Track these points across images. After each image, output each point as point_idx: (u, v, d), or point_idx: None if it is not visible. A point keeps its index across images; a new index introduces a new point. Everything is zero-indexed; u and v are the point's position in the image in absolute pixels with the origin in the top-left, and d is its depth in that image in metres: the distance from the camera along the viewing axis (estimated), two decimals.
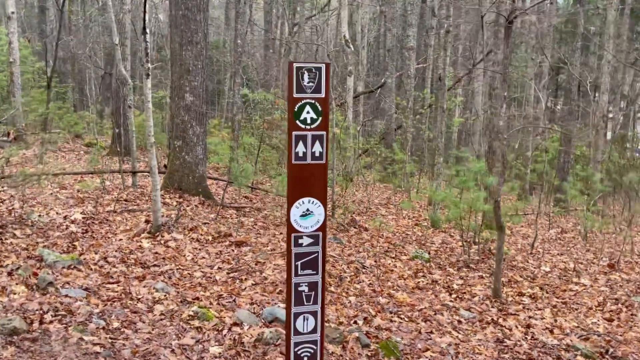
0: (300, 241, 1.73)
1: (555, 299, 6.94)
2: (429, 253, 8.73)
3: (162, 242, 7.09)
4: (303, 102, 2.06)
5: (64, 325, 4.28)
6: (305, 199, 1.75)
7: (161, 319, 4.69)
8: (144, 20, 7.21)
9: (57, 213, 8.02)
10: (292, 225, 1.72)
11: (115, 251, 6.45)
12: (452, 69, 22.37)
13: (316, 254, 1.75)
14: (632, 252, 10.62)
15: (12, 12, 16.14)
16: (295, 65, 2.09)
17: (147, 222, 7.71)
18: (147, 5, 7.26)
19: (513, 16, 6.23)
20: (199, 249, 7.06)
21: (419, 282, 7.11)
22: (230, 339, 4.51)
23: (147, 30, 7.20)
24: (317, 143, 1.96)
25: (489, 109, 15.07)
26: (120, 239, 7.04)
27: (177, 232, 7.50)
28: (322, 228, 1.75)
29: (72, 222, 7.58)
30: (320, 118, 2.03)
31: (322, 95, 2.05)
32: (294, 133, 2.06)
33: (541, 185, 19.34)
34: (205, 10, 10.16)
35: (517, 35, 23.14)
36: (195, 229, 7.73)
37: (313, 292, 1.78)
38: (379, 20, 29.38)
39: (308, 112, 2.02)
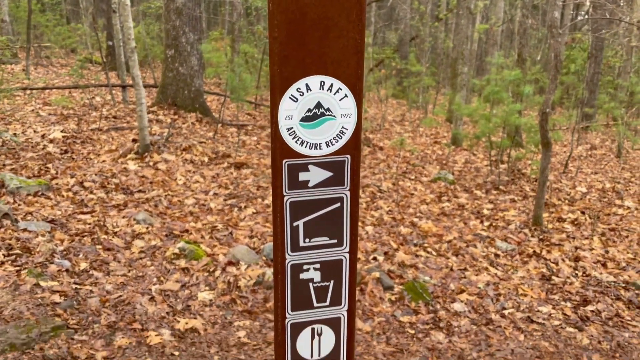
0: (302, 176, 0.78)
1: (600, 225, 6.07)
2: (453, 174, 7.80)
3: (151, 163, 6.20)
4: None
5: (17, 267, 3.47)
6: (313, 80, 0.77)
7: (140, 258, 3.88)
8: None
9: (34, 131, 7.10)
10: (282, 142, 0.76)
11: (95, 174, 5.58)
12: None
13: (339, 204, 0.80)
14: None
15: None
16: None
17: (134, 141, 6.79)
18: None
19: None
20: (193, 172, 6.17)
21: (443, 207, 6.24)
22: (223, 282, 3.71)
23: None
24: None
25: (519, 10, 13.56)
26: (104, 161, 6.16)
27: (169, 152, 6.59)
28: (354, 145, 0.79)
29: (51, 141, 6.68)
30: None
31: None
32: None
33: (567, 99, 18.04)
34: None
35: None
36: (190, 148, 6.80)
37: (332, 282, 0.84)
38: None
39: None
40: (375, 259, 4.38)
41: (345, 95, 0.79)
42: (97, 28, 12.31)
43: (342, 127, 0.80)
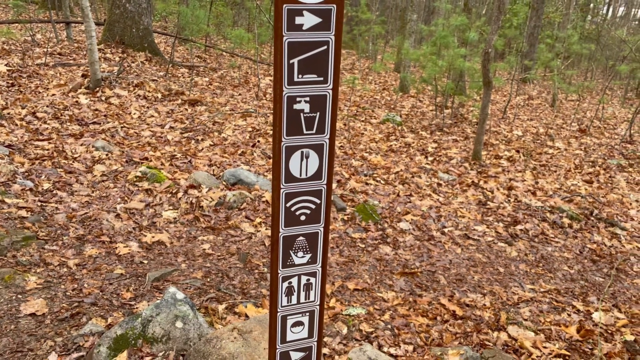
0: (298, 20, 0.99)
1: (533, 161, 6.61)
2: (401, 117, 8.15)
3: (103, 98, 6.16)
4: None
5: None
6: None
7: (103, 181, 3.99)
8: None
9: None
10: None
11: (47, 106, 5.52)
12: None
13: (325, 47, 1.02)
14: (597, 117, 10.40)
15: None
16: None
17: (84, 76, 6.68)
18: None
19: None
20: (147, 107, 6.20)
21: (391, 145, 6.59)
22: (186, 202, 3.90)
23: None
24: None
25: None
26: (53, 94, 6.07)
27: (121, 87, 6.55)
28: None
29: None
30: None
31: None
32: None
33: (509, 52, 18.69)
34: None
35: None
36: (142, 85, 6.77)
37: (318, 114, 1.08)
38: None
39: None
40: None
41: None
42: None
43: None
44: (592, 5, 23.23)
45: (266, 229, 3.82)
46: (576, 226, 4.69)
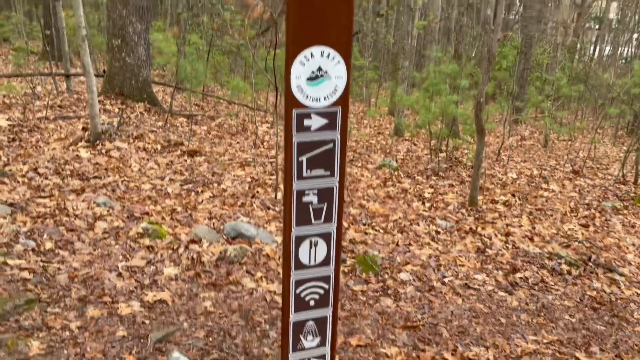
0: (306, 122, 1.06)
1: (529, 205, 6.68)
2: (397, 161, 8.27)
3: (104, 151, 6.25)
4: None
5: None
6: (316, 50, 1.08)
7: (104, 238, 4.02)
8: None
9: None
10: (293, 96, 1.06)
11: (48, 161, 5.60)
12: None
13: (332, 144, 1.09)
14: (590, 158, 10.56)
15: None
16: None
17: (84, 129, 6.79)
18: None
19: None
20: (147, 159, 6.28)
21: (389, 191, 6.66)
22: (187, 258, 3.92)
23: None
24: None
25: (455, 9, 14.23)
26: (54, 148, 6.15)
27: (121, 140, 6.65)
28: (344, 100, 1.10)
29: None
30: None
31: None
32: None
33: (499, 94, 19.07)
34: None
35: None
36: (142, 137, 6.88)
37: (325, 205, 1.14)
38: None
39: None
40: None
41: (339, 62, 1.09)
42: (38, 17, 11.93)
43: (336, 86, 1.09)
44: (578, 46, 23.87)
45: (267, 283, 3.84)
46: (575, 272, 4.71)
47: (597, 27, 29.75)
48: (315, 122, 1.06)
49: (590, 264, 4.87)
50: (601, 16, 28.56)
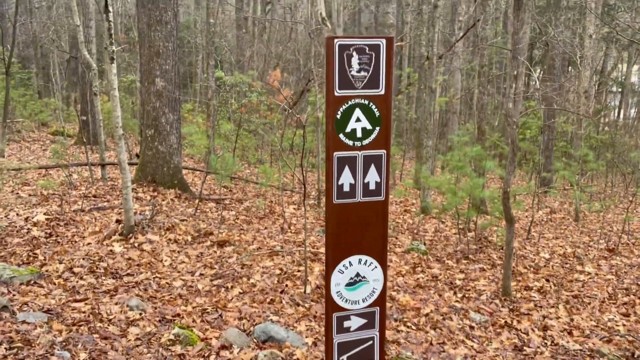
0: (346, 324, 1.10)
1: (564, 292, 6.49)
2: (425, 244, 8.20)
3: (136, 245, 6.38)
4: (350, 103, 1.31)
5: None
6: (354, 258, 1.13)
7: (137, 345, 4.04)
8: None
9: (17, 215, 7.22)
10: (333, 300, 1.10)
11: (83, 259, 5.73)
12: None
13: (371, 342, 1.12)
14: (624, 232, 10.30)
15: None
16: (338, 42, 1.31)
17: (118, 222, 6.98)
18: None
19: None
20: (178, 252, 6.38)
21: (418, 278, 6.58)
22: None
23: (110, 9, 6.38)
24: (373, 169, 1.26)
25: (476, 88, 14.53)
26: (89, 243, 6.32)
27: (153, 232, 6.80)
28: (381, 301, 1.14)
29: (34, 224, 6.80)
30: (378, 129, 1.31)
31: (381, 91, 1.31)
32: (335, 154, 1.29)
33: (525, 163, 19.04)
34: None
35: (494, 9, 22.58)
36: (173, 228, 7.02)
37: None
38: None
39: (358, 120, 1.28)
40: None
41: (375, 267, 1.14)
42: (76, 104, 12.60)
43: (373, 288, 1.13)
44: (602, 112, 23.91)
45: None
46: None
47: (619, 90, 29.88)
48: (355, 322, 1.10)
49: None
50: (623, 80, 28.74)
